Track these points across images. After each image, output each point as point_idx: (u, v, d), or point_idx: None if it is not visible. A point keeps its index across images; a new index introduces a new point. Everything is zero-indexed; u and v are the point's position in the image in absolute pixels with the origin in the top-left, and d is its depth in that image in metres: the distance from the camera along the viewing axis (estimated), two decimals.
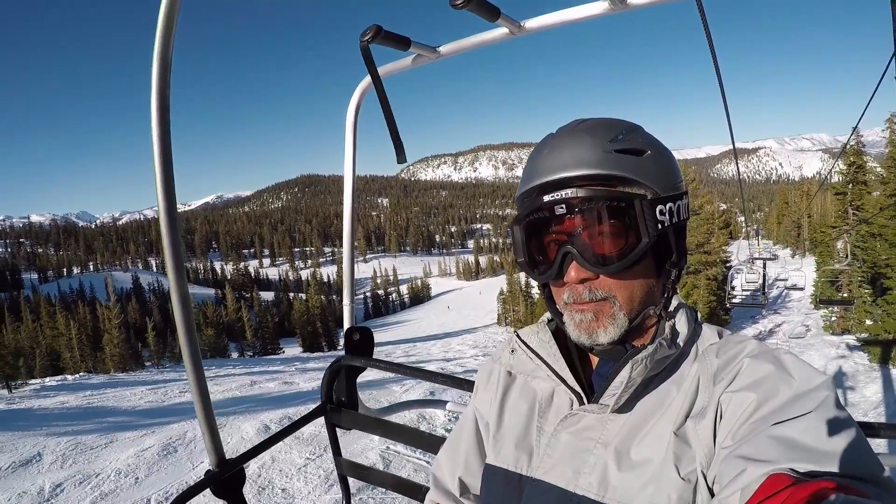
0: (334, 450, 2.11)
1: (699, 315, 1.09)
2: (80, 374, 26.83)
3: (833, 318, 25.25)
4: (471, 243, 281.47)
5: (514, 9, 1.51)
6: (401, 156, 1.56)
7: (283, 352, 58.63)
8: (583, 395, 1.03)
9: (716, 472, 0.83)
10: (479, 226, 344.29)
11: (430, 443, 1.89)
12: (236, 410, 11.96)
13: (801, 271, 33.14)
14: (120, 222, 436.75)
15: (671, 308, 1.04)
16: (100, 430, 10.93)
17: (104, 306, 48.10)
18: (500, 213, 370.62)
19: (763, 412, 0.81)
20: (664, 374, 0.98)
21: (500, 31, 1.57)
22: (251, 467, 8.06)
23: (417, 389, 13.50)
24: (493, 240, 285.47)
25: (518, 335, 1.15)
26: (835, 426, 0.72)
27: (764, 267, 25.23)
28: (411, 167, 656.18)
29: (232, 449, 9.37)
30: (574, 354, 1.12)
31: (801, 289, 29.16)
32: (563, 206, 0.96)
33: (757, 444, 0.76)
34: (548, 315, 1.17)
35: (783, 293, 40.68)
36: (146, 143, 1.26)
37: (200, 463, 8.73)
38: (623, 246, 0.96)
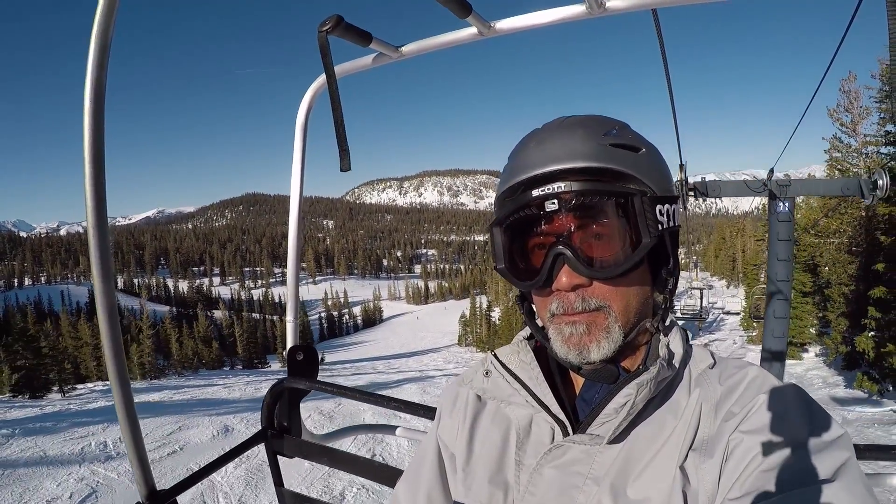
0: (276, 480, 1.94)
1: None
2: None
3: (753, 335, 32.49)
4: (418, 268, 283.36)
5: (484, 9, 1.38)
6: (345, 162, 1.43)
7: (270, 365, 60.13)
8: (567, 423, 0.90)
9: None
10: (424, 251, 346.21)
11: (383, 474, 1.74)
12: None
13: (721, 298, 56.39)
14: (60, 232, 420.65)
15: (666, 323, 0.95)
16: (244, 411, 12.57)
17: (135, 318, 54.47)
18: (445, 238, 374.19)
19: (777, 463, 0.72)
20: (658, 401, 0.88)
21: (469, 32, 1.47)
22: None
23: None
24: (440, 265, 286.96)
25: (495, 355, 1.03)
26: (852, 496, 0.67)
27: (701, 295, 31.12)
28: (356, 190, 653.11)
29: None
30: (557, 377, 1.00)
31: (722, 308, 47.70)
32: (555, 201, 0.84)
33: None
34: (525, 332, 1.06)
35: (718, 317, 48.44)
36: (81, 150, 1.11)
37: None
38: (622, 247, 0.86)
